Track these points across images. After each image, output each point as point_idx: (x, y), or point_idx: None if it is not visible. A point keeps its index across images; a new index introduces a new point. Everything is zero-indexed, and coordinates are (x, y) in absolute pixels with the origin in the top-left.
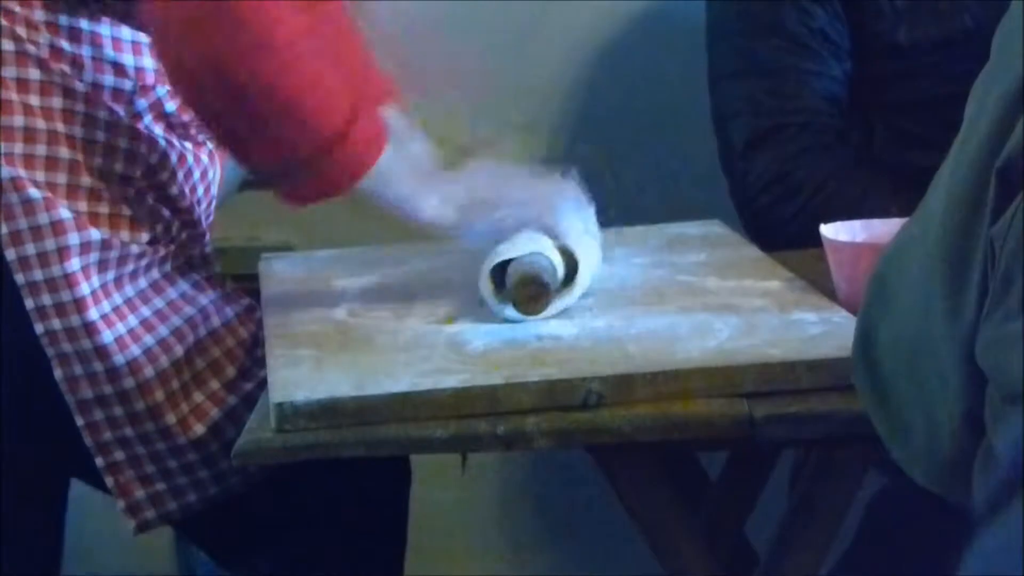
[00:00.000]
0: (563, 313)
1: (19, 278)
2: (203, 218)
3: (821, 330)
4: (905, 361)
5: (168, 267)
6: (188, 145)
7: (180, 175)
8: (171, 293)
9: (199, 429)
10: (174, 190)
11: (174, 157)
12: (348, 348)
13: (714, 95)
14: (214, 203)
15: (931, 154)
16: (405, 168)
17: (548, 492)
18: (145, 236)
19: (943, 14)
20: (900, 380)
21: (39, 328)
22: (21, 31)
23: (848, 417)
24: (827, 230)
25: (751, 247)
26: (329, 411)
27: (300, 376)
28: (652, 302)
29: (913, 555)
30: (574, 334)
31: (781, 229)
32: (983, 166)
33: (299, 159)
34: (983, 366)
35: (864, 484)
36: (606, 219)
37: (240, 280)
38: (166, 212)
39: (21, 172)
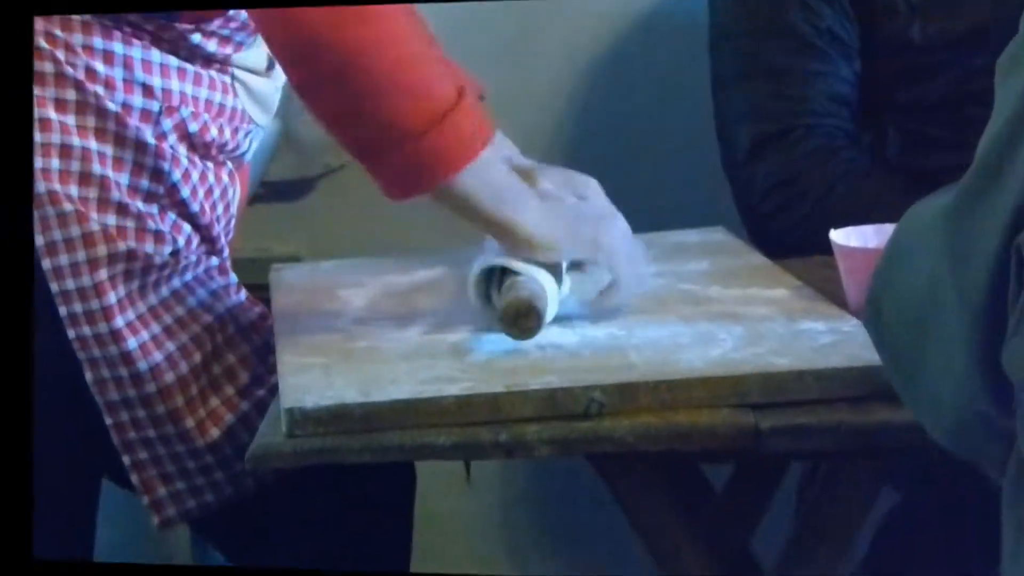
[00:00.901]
0: (564, 322)
1: (54, 287)
2: (223, 235)
3: (831, 339)
4: (910, 331)
5: (188, 277)
6: (210, 165)
7: (201, 193)
8: (191, 302)
9: (215, 433)
10: (195, 207)
11: (196, 176)
12: (354, 356)
13: (717, 99)
14: (233, 222)
15: (946, 156)
16: (507, 171)
17: (549, 498)
18: (167, 249)
19: (959, 8)
20: (907, 346)
21: (71, 334)
22: (60, 54)
23: (859, 429)
24: (837, 235)
25: (756, 254)
26: (337, 417)
27: (309, 383)
28: (654, 311)
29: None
30: (576, 343)
31: (786, 235)
32: (1000, 148)
33: (400, 137)
34: (1011, 375)
35: (877, 501)
36: None
37: (249, 289)
38: (187, 227)
39: (57, 187)
